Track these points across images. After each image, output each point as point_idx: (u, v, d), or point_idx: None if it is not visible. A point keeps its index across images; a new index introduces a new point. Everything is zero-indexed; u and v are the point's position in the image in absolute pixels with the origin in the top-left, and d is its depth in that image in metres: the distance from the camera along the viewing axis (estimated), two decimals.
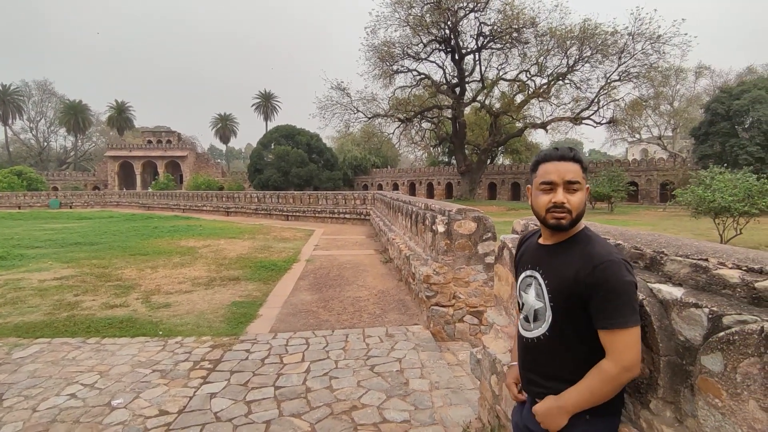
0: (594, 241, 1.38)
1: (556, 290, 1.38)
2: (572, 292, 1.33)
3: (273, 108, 77.32)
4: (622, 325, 1.26)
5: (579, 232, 1.43)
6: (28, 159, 64.77)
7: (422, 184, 50.41)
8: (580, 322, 1.35)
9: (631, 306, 1.27)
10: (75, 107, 64.86)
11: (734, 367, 1.15)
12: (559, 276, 1.38)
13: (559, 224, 1.39)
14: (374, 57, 31.90)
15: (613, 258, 1.29)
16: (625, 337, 1.27)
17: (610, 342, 1.29)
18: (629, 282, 1.28)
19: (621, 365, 1.28)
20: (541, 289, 1.44)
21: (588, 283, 1.28)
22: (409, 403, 3.31)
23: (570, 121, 31.53)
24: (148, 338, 4.85)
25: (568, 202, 1.36)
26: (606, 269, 1.27)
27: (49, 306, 6.04)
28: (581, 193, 1.38)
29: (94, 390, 3.60)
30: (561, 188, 1.37)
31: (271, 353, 4.38)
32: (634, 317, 1.27)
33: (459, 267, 4.81)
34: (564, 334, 1.40)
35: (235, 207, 25.65)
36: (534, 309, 1.48)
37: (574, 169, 1.38)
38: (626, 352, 1.28)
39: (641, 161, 37.89)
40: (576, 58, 29.26)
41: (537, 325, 1.47)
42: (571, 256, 1.37)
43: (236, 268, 8.78)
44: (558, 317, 1.39)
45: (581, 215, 1.39)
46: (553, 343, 1.43)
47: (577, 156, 1.40)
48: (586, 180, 1.41)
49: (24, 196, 39.69)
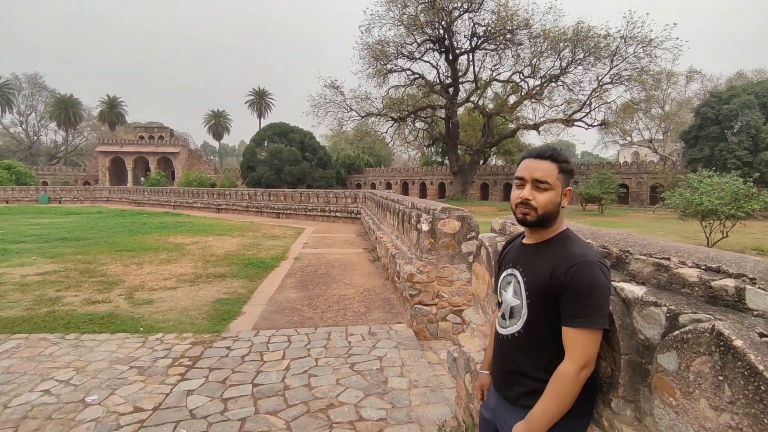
0: (573, 241, 1.39)
1: (533, 288, 1.39)
2: (547, 289, 1.34)
3: (267, 105, 76.89)
4: (588, 325, 1.26)
5: (560, 232, 1.43)
6: (17, 153, 63.82)
7: (415, 184, 50.42)
8: (553, 320, 1.36)
9: (600, 308, 1.27)
10: (66, 101, 63.96)
11: (687, 365, 1.16)
12: (536, 274, 1.38)
13: (524, 219, 1.40)
14: (368, 56, 31.86)
15: (588, 259, 1.29)
16: (588, 336, 1.27)
17: (572, 340, 1.30)
18: (601, 284, 1.27)
19: (577, 364, 1.29)
20: (519, 287, 1.45)
21: (562, 281, 1.29)
22: (386, 401, 3.30)
23: (562, 123, 31.68)
24: (128, 334, 4.79)
25: (535, 199, 1.37)
26: (579, 269, 1.27)
27: (29, 301, 5.95)
28: (550, 193, 1.37)
29: (69, 386, 3.55)
30: (529, 185, 1.38)
31: (251, 351, 4.35)
32: (600, 320, 1.27)
33: (443, 266, 4.81)
34: (538, 331, 1.40)
35: (226, 204, 25.48)
36: (511, 306, 1.49)
37: (546, 168, 1.37)
38: (585, 351, 1.29)
39: (632, 164, 38.20)
40: (569, 60, 29.42)
41: (512, 322, 1.48)
42: (550, 255, 1.37)
43: (223, 265, 8.72)
44: (533, 314, 1.40)
45: (549, 214, 1.39)
46: (528, 340, 1.43)
47: (556, 156, 1.39)
48: (564, 181, 1.40)
49: (12, 191, 39.05)
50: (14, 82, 64.01)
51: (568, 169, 1.41)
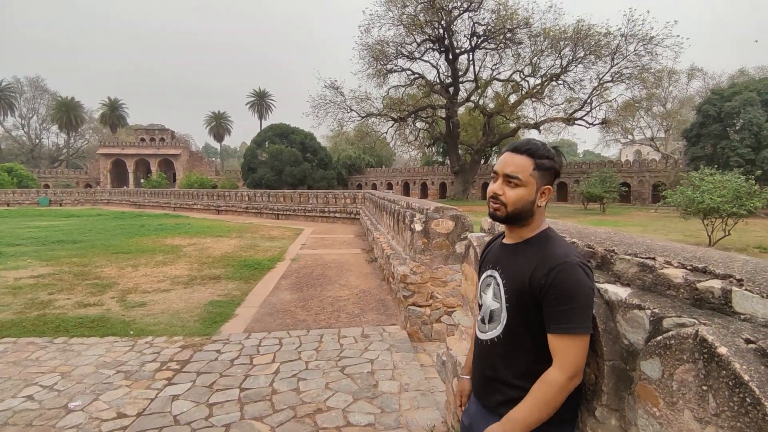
0: (553, 241, 1.32)
1: (512, 291, 1.32)
2: (526, 292, 1.27)
3: (267, 107, 76.98)
4: (572, 331, 1.19)
5: (541, 232, 1.35)
6: (19, 156, 64.01)
7: (416, 184, 50.34)
8: (533, 325, 1.28)
9: (584, 312, 1.20)
10: (67, 104, 64.15)
11: (671, 373, 1.07)
12: (516, 275, 1.31)
13: (494, 214, 1.35)
14: (368, 56, 31.80)
15: (569, 260, 1.22)
16: (574, 343, 1.20)
17: (559, 348, 1.23)
18: (585, 286, 1.21)
19: (567, 372, 1.21)
20: (498, 289, 1.38)
21: (542, 284, 1.22)
22: (375, 405, 3.22)
23: (563, 122, 31.55)
24: (117, 338, 4.73)
25: (504, 194, 1.30)
26: (561, 271, 1.21)
27: (20, 305, 5.90)
28: (521, 190, 1.29)
29: (52, 392, 3.48)
30: (501, 179, 1.32)
31: (241, 354, 4.28)
32: (585, 324, 1.21)
33: (436, 266, 4.73)
34: (518, 337, 1.33)
35: (225, 205, 25.46)
36: (490, 309, 1.41)
37: (519, 163, 1.29)
38: (574, 359, 1.22)
39: (634, 162, 38.01)
40: (569, 58, 29.30)
41: (492, 327, 1.40)
42: (529, 256, 1.30)
43: (219, 266, 8.66)
44: (512, 319, 1.33)
45: (519, 212, 1.31)
46: (507, 345, 1.36)
47: (534, 151, 1.29)
48: (541, 179, 1.30)
49: (13, 194, 39.17)
50: (16, 85, 64.28)
51: (547, 167, 1.31)
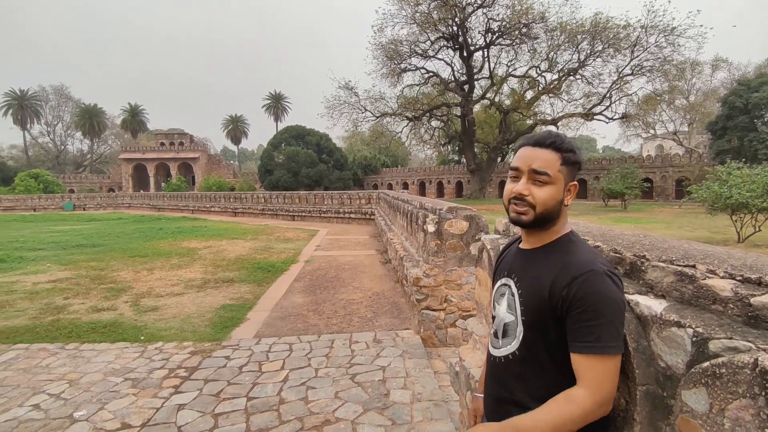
0: (577, 247, 1.16)
1: (529, 303, 1.16)
2: (546, 305, 1.11)
3: (283, 109, 77.65)
4: (600, 350, 1.03)
5: (562, 236, 1.20)
6: (46, 162, 66.09)
7: (432, 183, 50.02)
8: (553, 342, 1.12)
9: (614, 328, 1.04)
10: (90, 111, 65.98)
11: (721, 408, 0.89)
12: (533, 286, 1.16)
13: (519, 219, 1.17)
14: (382, 55, 31.65)
15: (596, 268, 1.06)
16: (603, 364, 1.04)
17: (585, 369, 1.06)
18: (615, 299, 1.05)
19: (595, 399, 1.04)
20: (513, 300, 1.22)
21: (564, 296, 1.07)
22: (386, 417, 3.07)
23: (581, 117, 30.82)
24: (128, 344, 4.69)
25: (532, 195, 1.14)
26: (586, 281, 1.05)
27: (36, 310, 5.94)
28: (551, 188, 1.13)
29: (59, 400, 3.44)
30: (525, 177, 1.15)
31: (250, 360, 4.18)
32: (616, 343, 1.04)
33: (450, 269, 4.55)
34: (535, 355, 1.16)
35: (242, 208, 25.67)
36: (504, 323, 1.24)
37: (547, 158, 1.14)
38: (603, 383, 1.04)
39: (656, 157, 36.89)
40: (587, 52, 28.57)
41: (506, 342, 1.23)
42: (549, 263, 1.15)
43: (233, 269, 8.63)
44: (529, 334, 1.17)
45: (549, 213, 1.16)
46: (523, 364, 1.19)
47: (559, 144, 1.15)
48: (568, 175, 1.16)
49: (39, 199, 40.38)
50: (41, 94, 66.34)
51: (573, 161, 1.16)
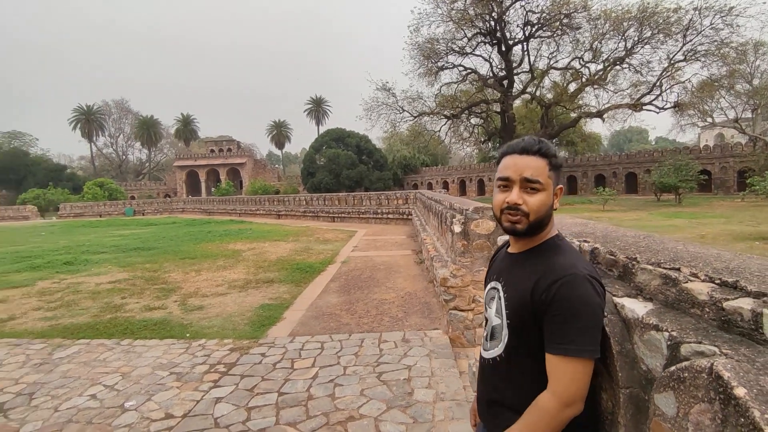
0: (561, 250, 1.19)
1: (513, 306, 1.20)
2: (528, 308, 1.14)
3: (324, 112, 79.29)
4: (572, 353, 1.06)
5: (548, 239, 1.23)
6: (110, 171, 71.39)
7: (473, 181, 49.25)
8: (535, 346, 1.15)
9: (590, 333, 1.07)
10: (147, 122, 70.61)
11: (686, 412, 0.90)
12: (517, 290, 1.19)
13: (514, 228, 1.20)
14: (418, 55, 31.47)
15: (576, 272, 1.09)
16: (572, 366, 1.07)
17: (555, 369, 1.09)
18: (592, 303, 1.07)
19: (561, 399, 1.07)
20: (500, 304, 1.25)
21: (543, 299, 1.10)
22: (408, 415, 3.14)
23: (629, 108, 29.14)
24: (175, 340, 5.04)
25: (525, 203, 1.17)
26: (565, 284, 1.08)
27: (97, 308, 6.49)
28: (543, 195, 1.17)
29: (113, 391, 3.77)
30: (517, 187, 1.18)
31: (284, 357, 4.38)
32: (590, 347, 1.07)
33: (478, 269, 4.53)
34: (519, 358, 1.21)
35: (285, 210, 26.50)
36: (492, 326, 1.29)
37: (536, 165, 1.17)
38: (570, 385, 1.07)
39: (714, 147, 34.28)
40: (635, 40, 26.94)
41: (493, 345, 1.28)
42: (533, 267, 1.18)
43: (274, 270, 8.98)
44: (513, 337, 1.21)
45: (543, 220, 1.20)
46: (509, 366, 1.23)
47: (545, 150, 1.19)
48: (555, 179, 1.21)
49: (104, 205, 43.88)
50: (105, 108, 71.63)
51: (558, 164, 1.21)
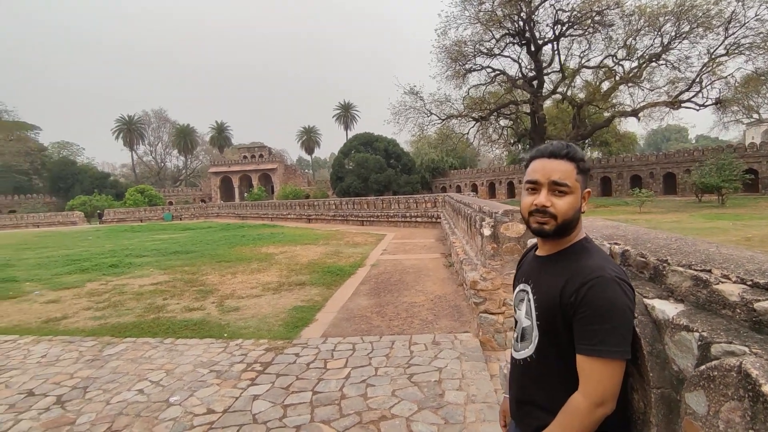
0: (589, 253, 1.22)
1: (543, 308, 1.23)
2: (557, 310, 1.18)
3: (352, 117, 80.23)
4: (603, 354, 1.08)
5: (575, 242, 1.26)
6: (149, 178, 74.68)
7: (502, 184, 48.54)
8: (565, 347, 1.18)
9: (620, 334, 1.09)
10: (184, 131, 73.57)
11: (716, 410, 0.93)
12: (546, 292, 1.23)
13: (541, 230, 1.24)
14: (446, 58, 31.43)
15: (605, 274, 1.11)
16: (603, 367, 1.09)
17: (585, 370, 1.12)
18: (621, 305, 1.09)
19: (591, 399, 1.10)
20: (530, 306, 1.29)
21: (573, 301, 1.13)
22: (440, 416, 3.18)
23: (666, 106, 27.99)
24: (213, 340, 5.26)
25: (553, 205, 1.21)
26: (594, 286, 1.10)
27: (141, 309, 6.84)
28: (571, 198, 1.21)
29: (158, 387, 3.99)
30: (545, 189, 1.22)
31: (317, 358, 4.50)
32: (620, 348, 1.09)
33: (508, 272, 4.52)
34: (549, 359, 1.24)
35: (315, 214, 26.94)
36: (522, 327, 1.34)
37: (564, 169, 1.22)
38: (600, 384, 1.10)
39: (761, 145, 32.36)
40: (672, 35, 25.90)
41: (524, 346, 1.32)
42: (562, 269, 1.21)
43: (305, 273, 9.18)
44: (543, 338, 1.24)
45: (570, 222, 1.23)
46: (539, 367, 1.27)
47: (573, 154, 1.23)
48: (583, 183, 1.25)
49: (145, 211, 46.04)
50: (145, 118, 75.10)
51: (586, 168, 1.26)
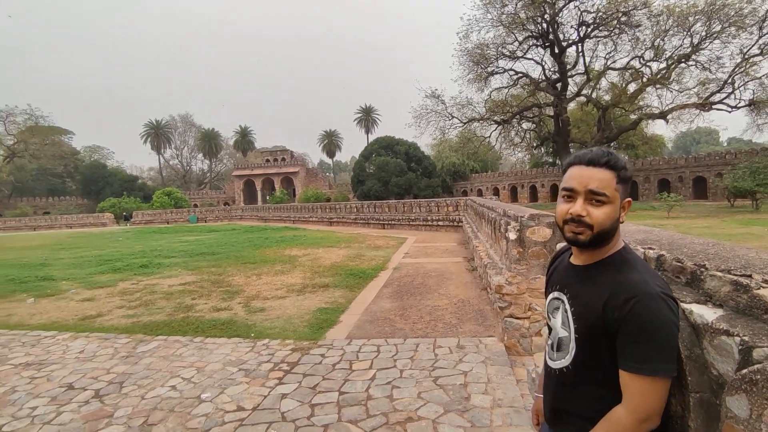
0: (631, 266, 1.18)
1: (582, 320, 1.21)
2: (598, 324, 1.15)
3: (373, 121, 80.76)
4: (649, 372, 1.06)
5: (615, 253, 1.22)
6: (175, 181, 76.75)
7: (524, 188, 47.90)
8: (606, 360, 1.16)
9: (666, 351, 1.06)
10: (209, 135, 75.43)
11: (759, 414, 0.94)
12: (585, 304, 1.20)
13: (576, 240, 1.21)
14: (468, 61, 31.32)
15: (650, 290, 1.08)
16: (649, 385, 1.07)
17: (630, 387, 1.10)
18: (667, 321, 1.06)
19: (636, 416, 1.08)
20: (566, 317, 1.27)
21: (617, 317, 1.10)
22: (466, 419, 3.19)
23: (696, 108, 27.08)
24: (241, 339, 5.39)
25: (589, 215, 1.17)
26: (639, 303, 1.07)
27: (171, 308, 7.06)
28: (608, 208, 1.17)
29: (190, 384, 4.12)
30: (581, 198, 1.19)
31: (342, 359, 4.56)
32: (666, 366, 1.06)
33: (534, 276, 4.49)
34: (588, 371, 1.22)
35: (336, 217, 27.17)
36: (558, 337, 1.32)
37: (603, 178, 1.17)
38: (646, 401, 1.08)
39: None
40: (702, 35, 25.13)
41: (560, 356, 1.31)
42: (602, 282, 1.18)
43: (328, 275, 9.29)
44: (582, 351, 1.22)
45: (607, 233, 1.19)
46: (577, 378, 1.25)
47: (613, 162, 1.18)
48: (623, 192, 1.20)
49: (171, 213, 47.44)
50: (172, 123, 77.29)
51: (626, 177, 1.20)
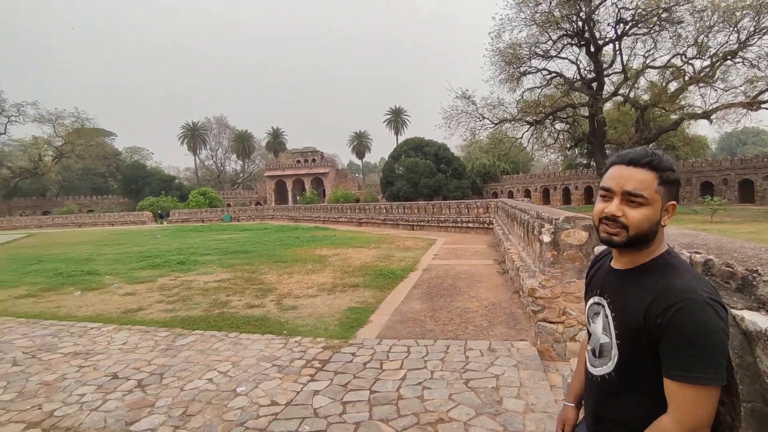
0: (675, 270, 1.13)
1: (623, 326, 1.17)
2: (641, 331, 1.11)
3: (403, 122, 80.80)
4: (695, 381, 1.02)
5: (658, 257, 1.18)
6: (210, 181, 79.32)
7: (557, 190, 46.75)
8: (650, 366, 1.12)
9: (713, 359, 1.01)
10: (242, 136, 77.56)
11: None
12: (627, 310, 1.17)
13: (610, 240, 1.18)
14: (499, 61, 30.81)
15: (695, 296, 1.03)
16: (696, 394, 1.02)
17: (676, 396, 1.05)
18: (715, 328, 1.01)
19: (684, 426, 1.04)
20: (607, 322, 1.23)
21: (659, 323, 1.05)
22: (498, 422, 3.16)
23: (743, 107, 25.57)
24: (274, 336, 5.52)
25: (625, 216, 1.13)
26: (683, 309, 1.02)
27: (207, 304, 7.31)
28: (646, 210, 1.12)
29: (226, 377, 4.26)
30: (617, 198, 1.16)
31: (373, 358, 4.60)
32: (715, 375, 1.01)
33: (569, 280, 4.40)
34: (631, 378, 1.18)
35: (366, 218, 27.33)
36: (600, 343, 1.29)
37: (642, 179, 1.13)
38: (694, 411, 1.03)
39: None
40: (750, 31, 23.76)
41: (602, 362, 1.27)
42: (644, 287, 1.14)
43: (358, 275, 9.38)
44: (625, 357, 1.18)
45: (645, 235, 1.15)
46: (620, 385, 1.21)
47: (656, 163, 1.13)
48: (666, 195, 1.14)
49: (206, 212, 49.01)
50: (207, 125, 79.96)
51: (671, 179, 1.14)
